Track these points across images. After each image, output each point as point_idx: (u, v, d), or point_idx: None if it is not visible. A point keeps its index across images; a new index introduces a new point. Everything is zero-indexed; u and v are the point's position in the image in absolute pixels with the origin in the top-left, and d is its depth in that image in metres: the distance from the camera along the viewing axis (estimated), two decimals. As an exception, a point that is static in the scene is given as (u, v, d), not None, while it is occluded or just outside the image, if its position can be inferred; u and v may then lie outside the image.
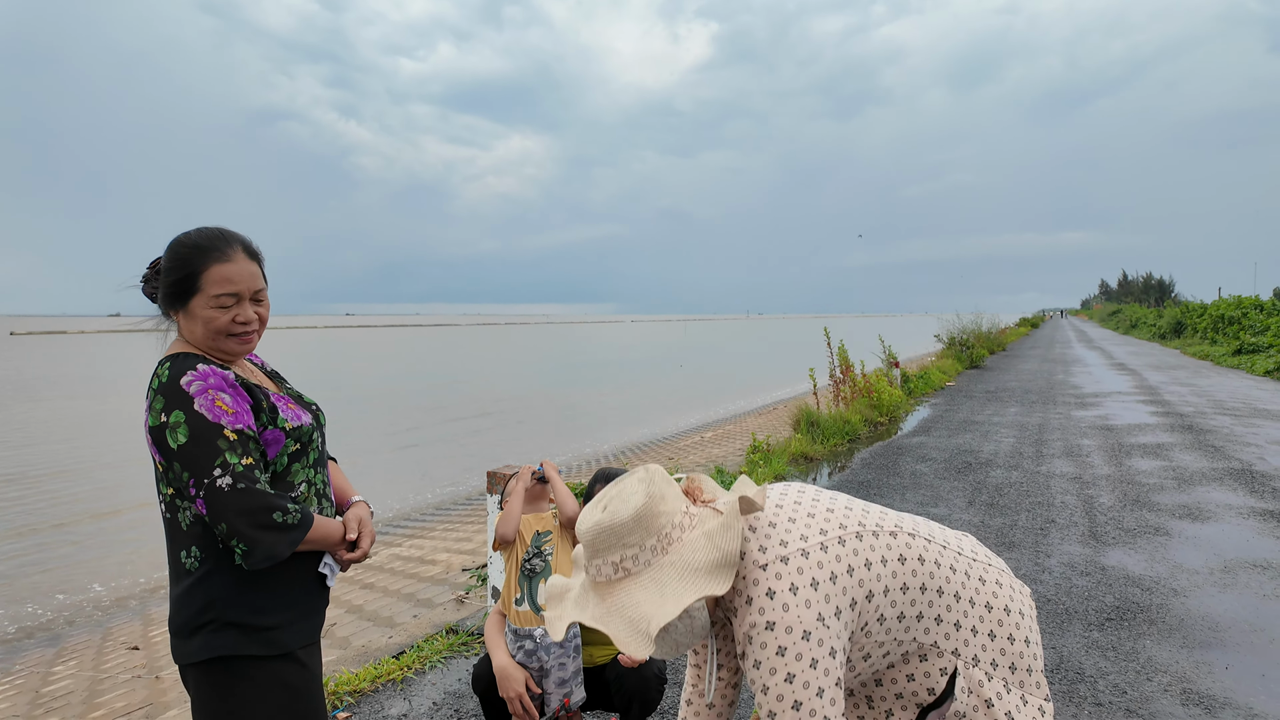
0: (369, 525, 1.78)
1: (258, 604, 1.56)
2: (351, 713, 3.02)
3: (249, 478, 1.49)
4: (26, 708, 4.06)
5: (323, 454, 1.78)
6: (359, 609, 5.11)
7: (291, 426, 1.64)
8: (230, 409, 1.52)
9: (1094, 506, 5.82)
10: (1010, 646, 1.45)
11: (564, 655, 2.27)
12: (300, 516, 1.55)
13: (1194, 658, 3.29)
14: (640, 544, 1.30)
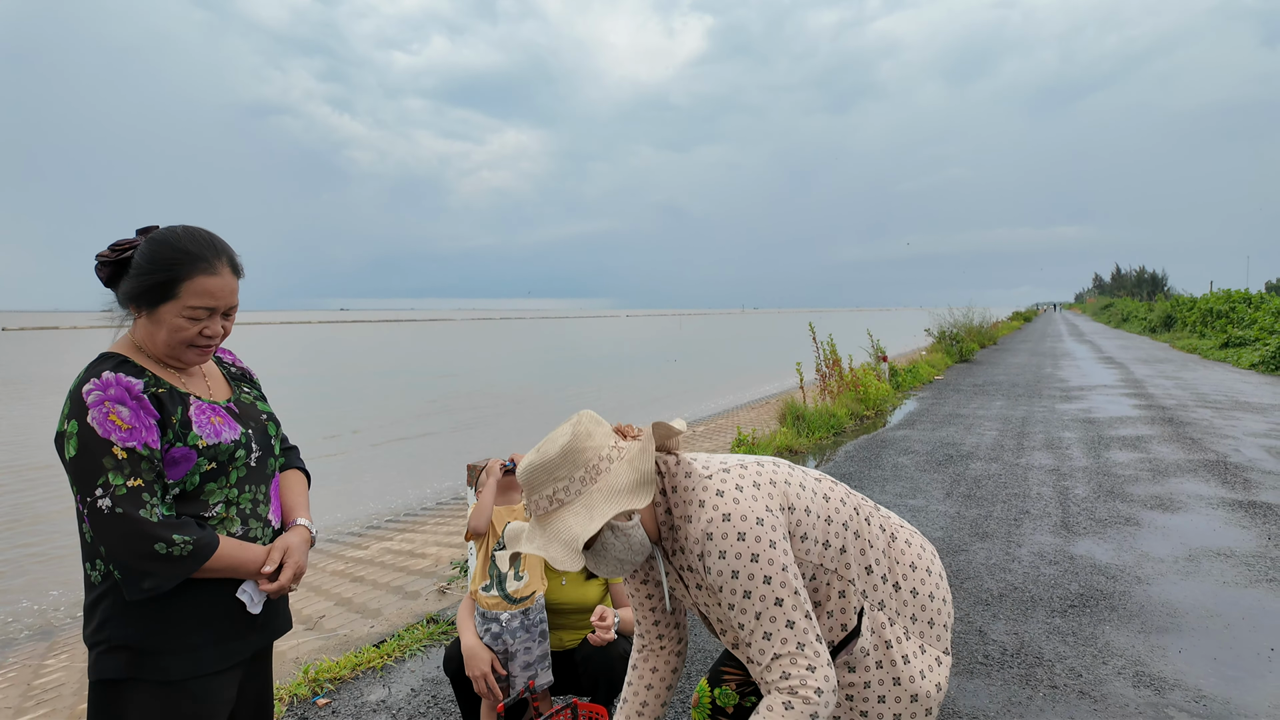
0: (296, 555, 1.63)
1: (153, 628, 1.47)
2: (331, 699, 3.10)
3: (133, 501, 1.40)
4: (18, 700, 4.14)
5: (259, 470, 1.66)
6: (348, 601, 5.19)
7: (206, 444, 1.52)
8: (125, 424, 1.42)
9: (1068, 498, 5.94)
10: (913, 599, 1.58)
11: (530, 639, 2.35)
12: (192, 548, 1.44)
13: (1150, 642, 3.40)
14: (569, 476, 1.43)
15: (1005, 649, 3.37)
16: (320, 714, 2.98)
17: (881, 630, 1.55)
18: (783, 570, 1.40)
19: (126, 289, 1.52)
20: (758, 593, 1.39)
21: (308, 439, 12.64)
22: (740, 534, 1.40)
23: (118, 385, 1.45)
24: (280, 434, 1.79)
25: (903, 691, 1.53)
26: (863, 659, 1.54)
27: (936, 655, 1.57)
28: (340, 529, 7.89)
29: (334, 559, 6.72)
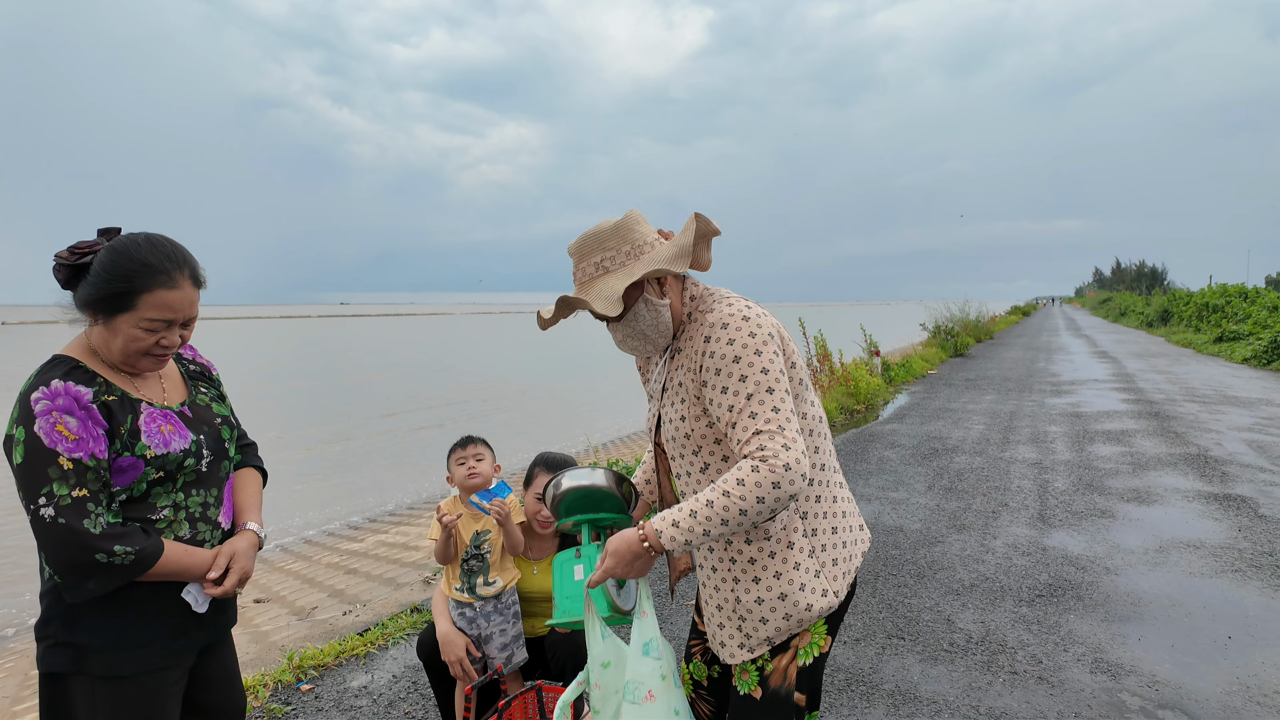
0: (243, 560, 1.66)
1: (99, 625, 1.51)
2: (314, 685, 3.20)
3: (77, 511, 1.41)
4: (15, 689, 4.24)
5: (210, 474, 1.67)
6: (340, 592, 5.29)
7: (154, 454, 1.53)
8: (72, 435, 1.43)
9: (1047, 491, 6.03)
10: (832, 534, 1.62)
11: (504, 621, 2.45)
12: (133, 559, 1.47)
13: (1111, 630, 3.50)
14: (616, 249, 1.58)
15: (970, 637, 3.47)
16: (304, 699, 3.09)
17: (793, 526, 1.58)
18: (780, 372, 1.50)
19: (83, 295, 1.52)
20: (753, 378, 1.48)
21: (305, 433, 12.74)
22: (751, 332, 1.51)
23: (66, 395, 1.45)
24: (235, 436, 1.81)
25: (779, 587, 1.56)
26: (764, 536, 1.57)
27: (825, 589, 1.58)
28: (338, 522, 8.00)
29: (329, 551, 6.82)
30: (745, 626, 1.60)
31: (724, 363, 1.50)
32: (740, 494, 1.40)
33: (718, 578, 1.64)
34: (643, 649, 1.63)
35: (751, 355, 1.49)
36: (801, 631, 1.60)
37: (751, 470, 1.40)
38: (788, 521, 1.58)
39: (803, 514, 1.60)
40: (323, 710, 3.00)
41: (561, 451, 2.75)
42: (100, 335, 1.56)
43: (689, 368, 1.59)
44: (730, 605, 1.62)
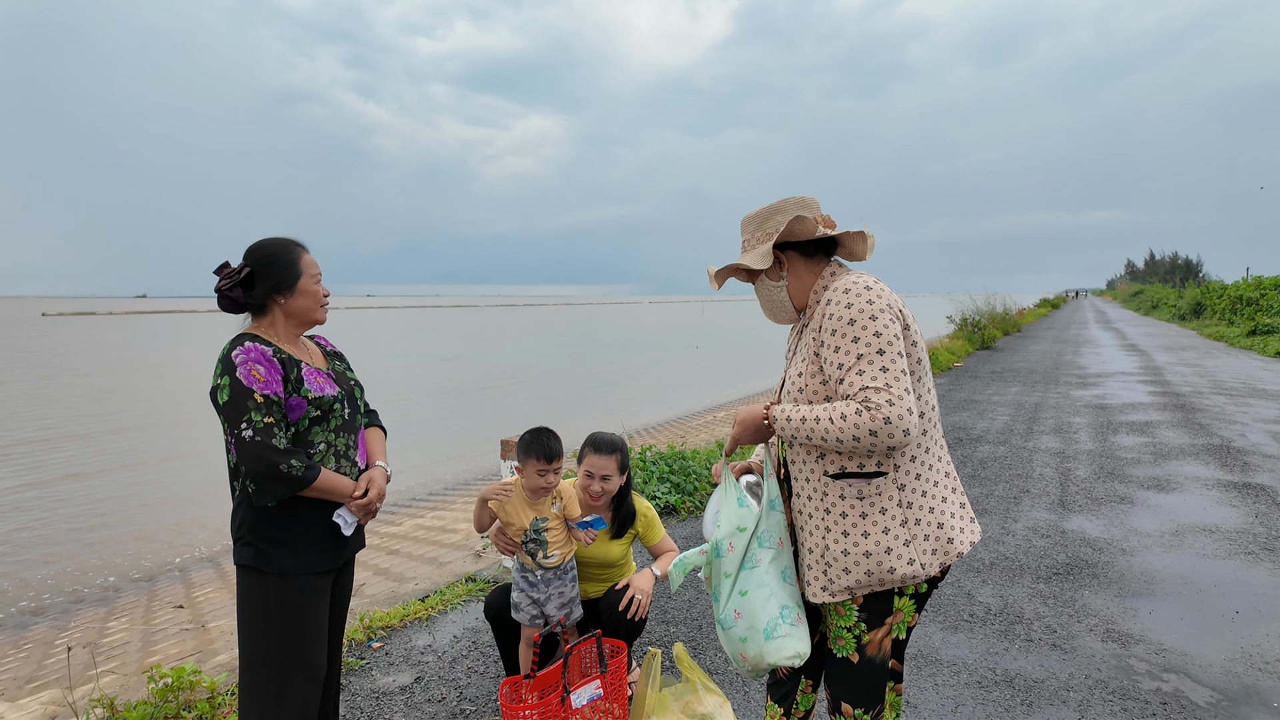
0: (378, 485, 2.15)
1: (269, 533, 2.00)
2: (384, 643, 3.53)
3: (267, 433, 1.90)
4: (87, 654, 4.61)
5: (350, 422, 2.16)
6: (385, 571, 5.63)
7: (314, 396, 2.03)
8: (262, 378, 1.93)
9: (1069, 478, 6.21)
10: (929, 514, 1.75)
11: (562, 585, 2.74)
12: (304, 471, 1.95)
13: (1124, 605, 3.71)
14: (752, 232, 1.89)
15: (989, 609, 3.70)
16: (375, 655, 3.41)
17: (888, 494, 1.71)
18: (895, 339, 1.63)
19: (271, 283, 2.06)
20: (865, 340, 1.62)
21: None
22: (870, 300, 1.66)
23: (256, 351, 1.97)
24: (364, 399, 2.32)
25: (865, 545, 1.70)
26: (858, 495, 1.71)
27: (912, 559, 1.70)
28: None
29: (369, 534, 7.17)
30: (830, 572, 1.76)
31: (839, 324, 1.67)
32: (840, 426, 1.61)
33: (813, 524, 1.80)
34: (771, 504, 1.91)
35: (866, 319, 1.65)
36: (895, 610, 1.77)
37: (854, 411, 1.59)
38: (884, 488, 1.71)
39: (899, 485, 1.72)
40: (394, 664, 3.32)
41: (609, 432, 3.01)
42: (290, 307, 2.10)
43: (813, 329, 1.79)
44: (820, 550, 1.78)
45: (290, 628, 2.03)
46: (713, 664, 3.26)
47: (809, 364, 1.79)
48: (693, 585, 4.14)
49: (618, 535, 2.97)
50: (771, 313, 1.96)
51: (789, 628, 1.83)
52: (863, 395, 1.60)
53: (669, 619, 3.73)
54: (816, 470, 1.78)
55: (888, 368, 1.61)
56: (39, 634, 5.14)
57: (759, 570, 1.87)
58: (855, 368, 1.64)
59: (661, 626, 3.63)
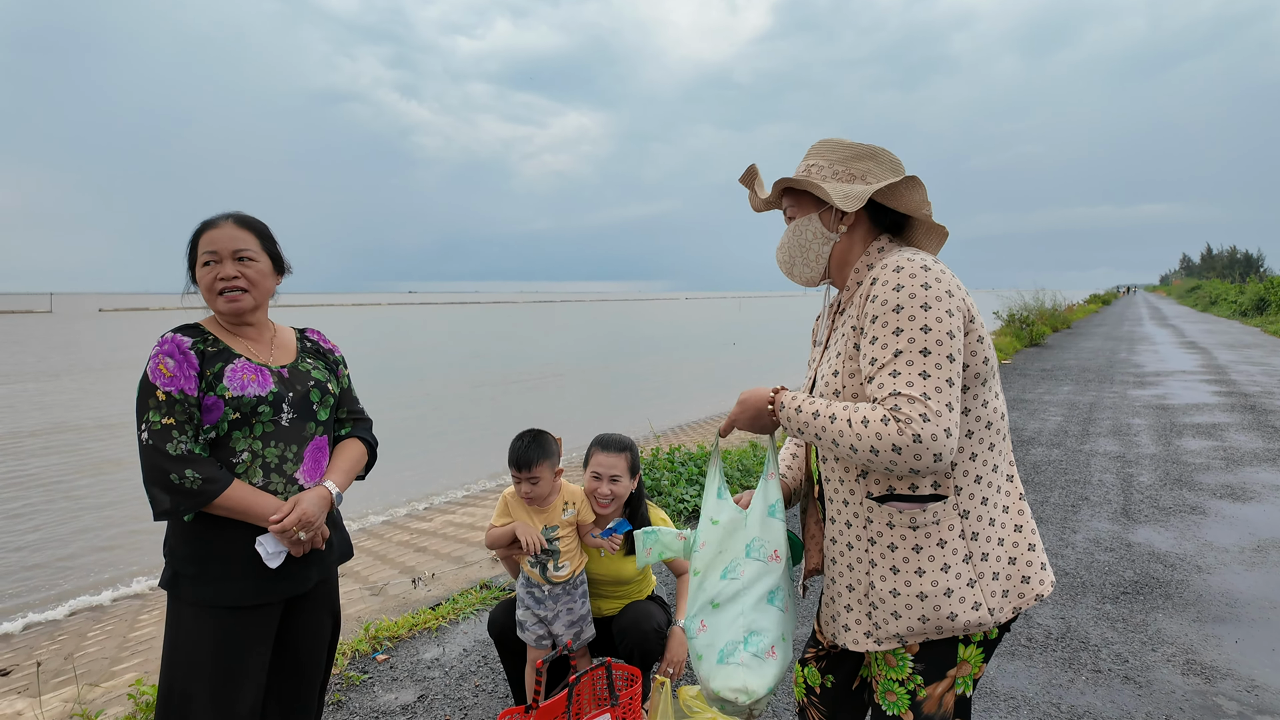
0: (305, 508, 1.75)
1: (186, 553, 1.72)
2: (389, 655, 3.31)
3: (162, 436, 1.65)
4: (115, 650, 4.52)
5: (290, 430, 1.81)
6: (411, 569, 5.46)
7: (231, 396, 1.72)
8: (168, 373, 1.69)
9: (1131, 485, 5.75)
10: (998, 546, 1.43)
11: (571, 601, 2.48)
12: (201, 484, 1.65)
13: (1204, 631, 3.32)
14: (831, 161, 1.55)
15: (1050, 632, 3.34)
16: (379, 669, 3.19)
17: (948, 522, 1.39)
18: (949, 336, 1.31)
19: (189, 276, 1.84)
20: (908, 334, 1.31)
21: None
22: (925, 283, 1.34)
23: (172, 343, 1.72)
24: (328, 402, 1.93)
25: (920, 585, 1.39)
26: (910, 525, 1.39)
27: (979, 603, 1.39)
28: (409, 503, 8.24)
29: (400, 530, 7.04)
30: (875, 615, 1.45)
31: (883, 309, 1.35)
32: (857, 433, 1.30)
33: (852, 555, 1.49)
34: (769, 510, 1.60)
35: (915, 307, 1.32)
36: (959, 661, 1.45)
37: (880, 419, 1.28)
38: (942, 515, 1.39)
39: (962, 512, 1.40)
40: (398, 680, 3.10)
41: (619, 432, 2.73)
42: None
43: (853, 316, 1.46)
44: (862, 589, 1.47)
45: (197, 669, 1.71)
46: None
47: (848, 360, 1.46)
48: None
49: (632, 550, 2.66)
50: (794, 260, 1.60)
51: (749, 658, 1.54)
52: (892, 402, 1.29)
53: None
54: (857, 490, 1.46)
55: (929, 373, 1.29)
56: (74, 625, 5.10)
57: (738, 583, 1.58)
58: (890, 366, 1.32)
59: (685, 644, 3.35)
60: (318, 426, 1.90)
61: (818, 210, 1.55)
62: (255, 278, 1.82)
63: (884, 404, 1.30)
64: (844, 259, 1.56)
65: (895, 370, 1.31)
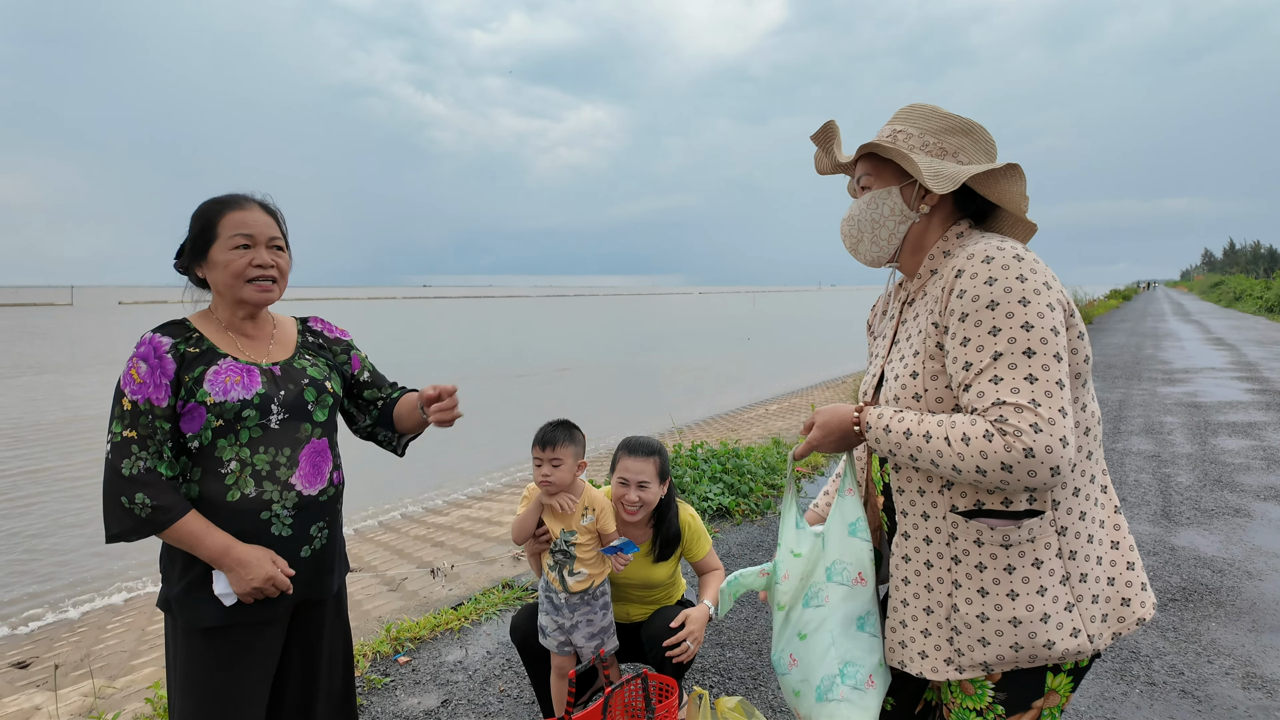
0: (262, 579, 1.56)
1: (177, 574, 1.59)
2: (411, 657, 3.22)
3: (121, 451, 1.50)
4: (134, 643, 4.47)
5: (282, 434, 1.65)
6: (428, 564, 5.39)
7: (212, 401, 1.57)
8: (140, 379, 1.53)
9: (1170, 486, 5.57)
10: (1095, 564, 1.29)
11: (591, 612, 2.33)
12: (150, 511, 1.50)
13: (1262, 642, 3.16)
14: (923, 130, 1.38)
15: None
16: (401, 672, 3.10)
17: (1044, 539, 1.26)
18: (1052, 333, 1.17)
19: (187, 254, 1.67)
20: (1008, 333, 1.17)
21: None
22: (1021, 275, 1.19)
23: (149, 345, 1.57)
24: (325, 401, 1.75)
25: (1013, 610, 1.26)
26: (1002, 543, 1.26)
27: (1077, 629, 1.27)
28: (424, 495, 8.19)
29: (416, 524, 6.98)
30: (958, 641, 1.31)
31: (975, 306, 1.21)
32: (958, 452, 1.17)
33: (931, 575, 1.34)
34: (849, 529, 1.47)
35: (1014, 303, 1.18)
36: (1046, 691, 1.31)
37: (982, 434, 1.15)
38: (1038, 533, 1.26)
39: (1060, 529, 1.27)
40: (420, 684, 3.01)
41: (646, 435, 2.60)
42: (211, 283, 1.68)
43: (931, 311, 1.31)
44: (943, 612, 1.33)
45: (194, 690, 1.60)
46: (776, 699, 2.85)
47: (926, 359, 1.31)
48: (750, 600, 3.73)
49: (662, 557, 2.52)
50: (861, 235, 1.44)
51: (849, 691, 1.42)
52: (997, 413, 1.15)
53: (724, 640, 3.32)
54: (940, 503, 1.32)
55: (1037, 376, 1.15)
56: (93, 618, 5.07)
57: (823, 610, 1.46)
58: (990, 371, 1.18)
59: (715, 650, 3.23)
60: (314, 428, 1.72)
61: (899, 184, 1.41)
62: (285, 269, 1.72)
63: (986, 415, 1.17)
64: (919, 242, 1.42)
65: (996, 375, 1.17)
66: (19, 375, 18.23)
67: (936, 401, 1.30)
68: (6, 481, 8.49)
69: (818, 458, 6.53)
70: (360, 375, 1.94)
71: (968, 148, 1.38)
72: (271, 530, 1.63)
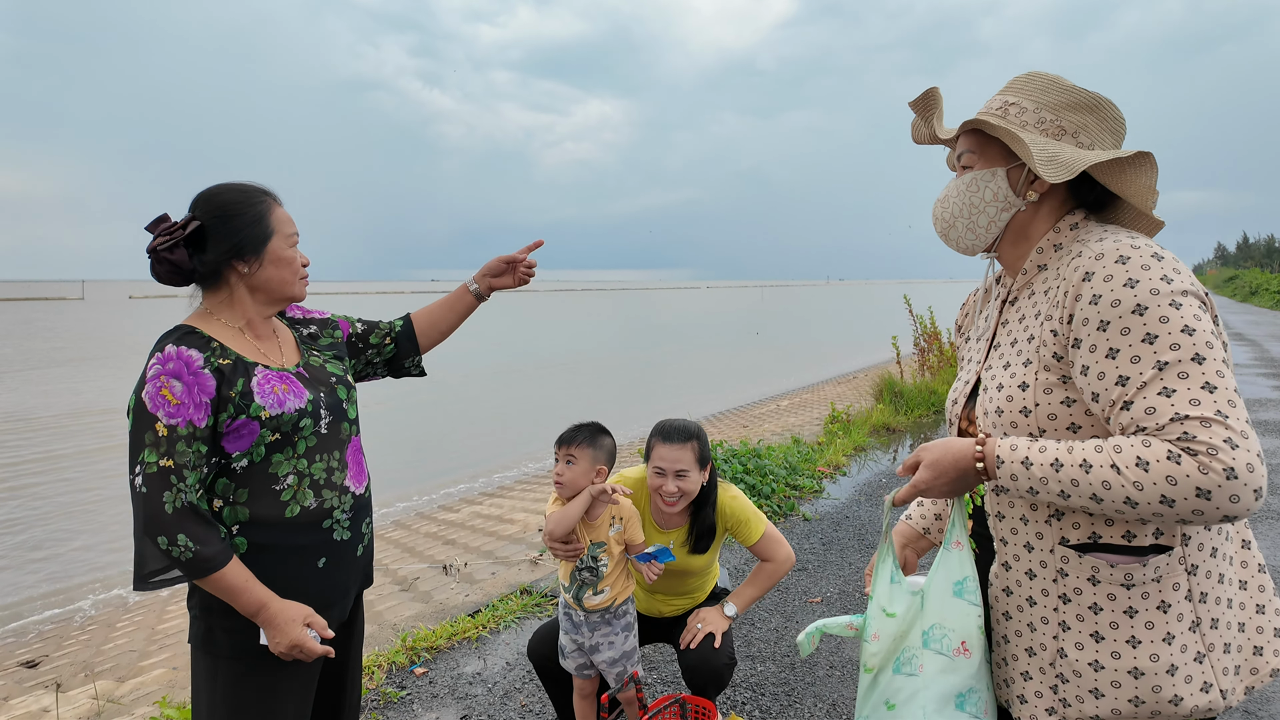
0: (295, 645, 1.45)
1: (223, 605, 1.48)
2: (427, 668, 3.09)
3: (160, 482, 1.36)
4: (143, 643, 4.37)
5: (331, 437, 1.59)
6: (440, 562, 5.27)
7: (269, 415, 1.46)
8: (175, 399, 1.38)
9: (1206, 488, 5.40)
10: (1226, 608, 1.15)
11: (612, 633, 2.18)
12: (191, 556, 1.36)
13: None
14: (1038, 105, 1.21)
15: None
16: (418, 684, 2.98)
17: (1173, 579, 1.10)
18: (1213, 336, 1.02)
19: (226, 245, 1.49)
20: (1168, 339, 1.01)
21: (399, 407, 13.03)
22: (1165, 275, 1.04)
23: (178, 359, 1.41)
24: (354, 397, 1.71)
25: (1134, 659, 1.11)
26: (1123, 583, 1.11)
27: (1209, 682, 1.11)
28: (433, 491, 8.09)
29: (428, 520, 6.88)
30: (1064, 690, 1.18)
31: (1116, 312, 1.05)
32: (1136, 480, 0.98)
33: (1034, 613, 1.20)
34: (954, 588, 1.27)
35: (1166, 305, 1.02)
36: None
37: (1168, 458, 0.97)
38: (1166, 571, 1.10)
39: (1190, 567, 1.11)
40: (437, 697, 2.88)
41: (681, 418, 2.41)
42: (254, 281, 1.54)
43: (1046, 316, 1.16)
44: (1048, 655, 1.19)
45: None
46: (811, 717, 2.70)
47: (1040, 369, 1.15)
48: (780, 609, 3.58)
49: (697, 550, 2.33)
50: (956, 220, 1.28)
51: None
52: (1179, 429, 0.98)
53: (754, 653, 3.18)
54: (1048, 534, 1.17)
55: (1215, 384, 0.99)
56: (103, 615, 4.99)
57: (916, 681, 1.28)
58: (1156, 383, 1.01)
59: (746, 664, 3.09)
60: (351, 426, 1.67)
61: (1006, 166, 1.23)
62: None
63: (1163, 434, 1.00)
64: (1023, 232, 1.26)
65: (1167, 387, 1.00)
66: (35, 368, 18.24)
67: (1049, 419, 1.14)
68: (17, 474, 8.43)
69: (840, 457, 6.38)
70: (356, 330, 1.87)
71: (1090, 127, 1.21)
72: (334, 537, 1.58)
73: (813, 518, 4.98)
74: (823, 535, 4.63)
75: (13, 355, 21.78)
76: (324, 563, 1.56)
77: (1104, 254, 1.09)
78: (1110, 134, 1.21)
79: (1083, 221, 1.23)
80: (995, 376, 1.24)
